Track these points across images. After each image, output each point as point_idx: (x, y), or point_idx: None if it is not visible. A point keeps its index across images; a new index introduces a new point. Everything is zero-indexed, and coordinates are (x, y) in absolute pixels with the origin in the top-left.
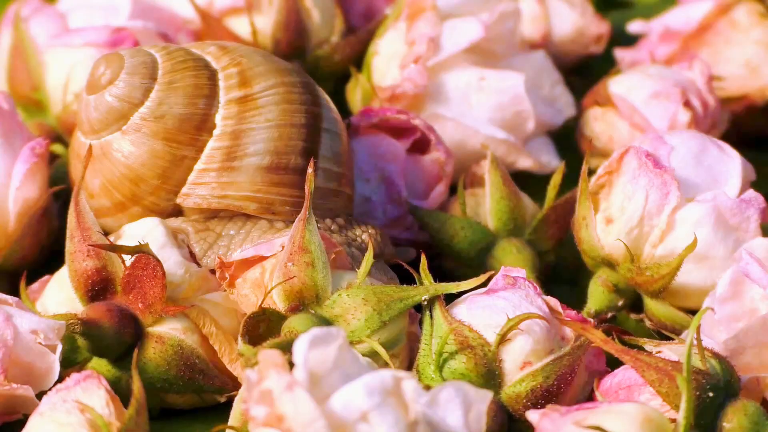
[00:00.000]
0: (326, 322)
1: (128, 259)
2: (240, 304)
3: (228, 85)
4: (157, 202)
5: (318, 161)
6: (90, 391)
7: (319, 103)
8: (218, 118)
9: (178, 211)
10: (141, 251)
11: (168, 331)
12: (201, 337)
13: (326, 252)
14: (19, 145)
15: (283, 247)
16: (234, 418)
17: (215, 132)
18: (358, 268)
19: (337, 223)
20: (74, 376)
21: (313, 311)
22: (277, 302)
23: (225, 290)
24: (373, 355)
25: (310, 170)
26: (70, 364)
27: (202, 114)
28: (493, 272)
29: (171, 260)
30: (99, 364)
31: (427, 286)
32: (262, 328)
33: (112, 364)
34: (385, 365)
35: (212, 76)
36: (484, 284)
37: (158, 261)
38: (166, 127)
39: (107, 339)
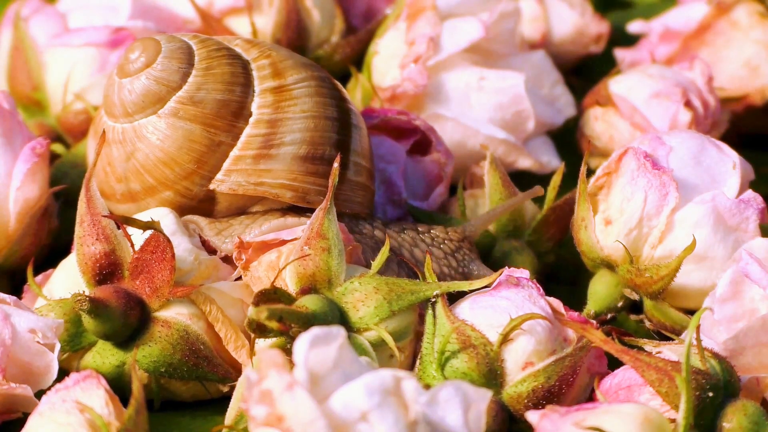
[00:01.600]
0: (336, 306)
1: (137, 245)
2: (253, 286)
3: (262, 76)
4: (189, 187)
5: (350, 155)
6: (89, 391)
7: (346, 99)
8: (254, 107)
9: (209, 198)
10: (152, 227)
11: (174, 316)
12: (207, 324)
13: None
14: (19, 144)
15: None
16: (232, 411)
17: (251, 120)
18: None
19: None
20: (74, 376)
21: (323, 295)
22: (289, 285)
23: (240, 273)
24: (380, 344)
25: (336, 165)
26: (76, 347)
27: (239, 101)
28: (503, 270)
29: (181, 247)
30: (104, 347)
31: (439, 282)
32: None
33: (117, 347)
34: (391, 357)
35: (245, 65)
36: (488, 284)
37: (168, 241)
38: (204, 111)
39: (113, 320)
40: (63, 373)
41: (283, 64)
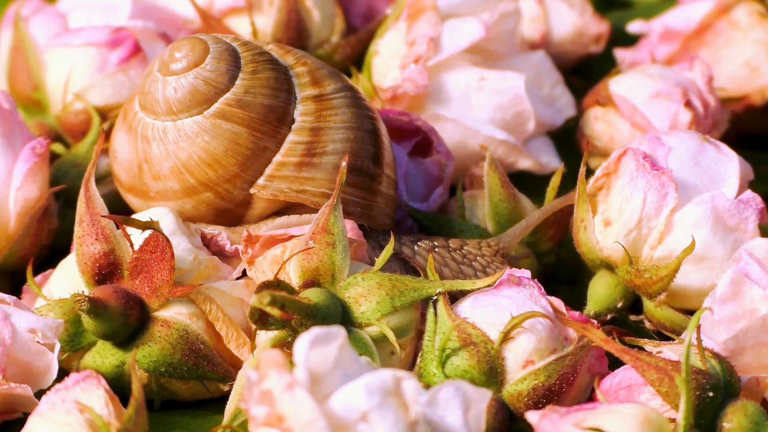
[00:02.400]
0: (338, 300)
1: (137, 245)
2: (257, 281)
3: (301, 83)
4: (231, 190)
5: (383, 168)
6: (89, 391)
7: (374, 110)
8: (296, 114)
9: (247, 202)
10: (151, 227)
11: (174, 316)
12: (207, 324)
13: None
14: (19, 144)
15: None
16: (231, 404)
17: (293, 126)
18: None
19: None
20: (73, 376)
21: (326, 289)
22: (293, 279)
23: (240, 273)
24: (381, 339)
25: (343, 164)
26: (76, 347)
27: (283, 107)
28: (505, 269)
29: (180, 247)
30: (104, 347)
31: (443, 281)
32: None
33: (117, 347)
34: (392, 354)
35: (286, 71)
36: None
37: (167, 241)
38: (251, 115)
39: (113, 320)
40: (63, 373)
41: (319, 72)
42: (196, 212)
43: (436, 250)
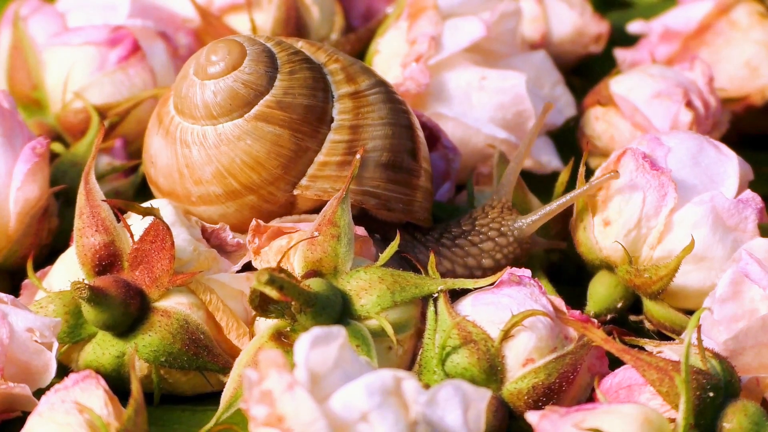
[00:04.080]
0: (339, 292)
1: (137, 236)
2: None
3: (337, 81)
4: (274, 192)
5: (421, 162)
6: (89, 392)
7: (406, 103)
8: (335, 112)
9: (290, 203)
10: (152, 213)
11: (174, 306)
12: (207, 314)
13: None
14: (19, 144)
15: None
16: (227, 392)
17: (333, 125)
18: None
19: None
20: (73, 377)
21: (328, 280)
22: (296, 269)
23: (241, 266)
24: (379, 334)
25: (358, 156)
26: (76, 338)
27: (322, 107)
28: (506, 268)
29: (179, 238)
30: (104, 338)
31: (444, 279)
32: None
33: (117, 337)
34: (390, 349)
35: (320, 70)
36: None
37: (168, 228)
38: (292, 116)
39: (113, 308)
40: (62, 369)
41: (352, 68)
42: (239, 215)
43: (457, 242)
